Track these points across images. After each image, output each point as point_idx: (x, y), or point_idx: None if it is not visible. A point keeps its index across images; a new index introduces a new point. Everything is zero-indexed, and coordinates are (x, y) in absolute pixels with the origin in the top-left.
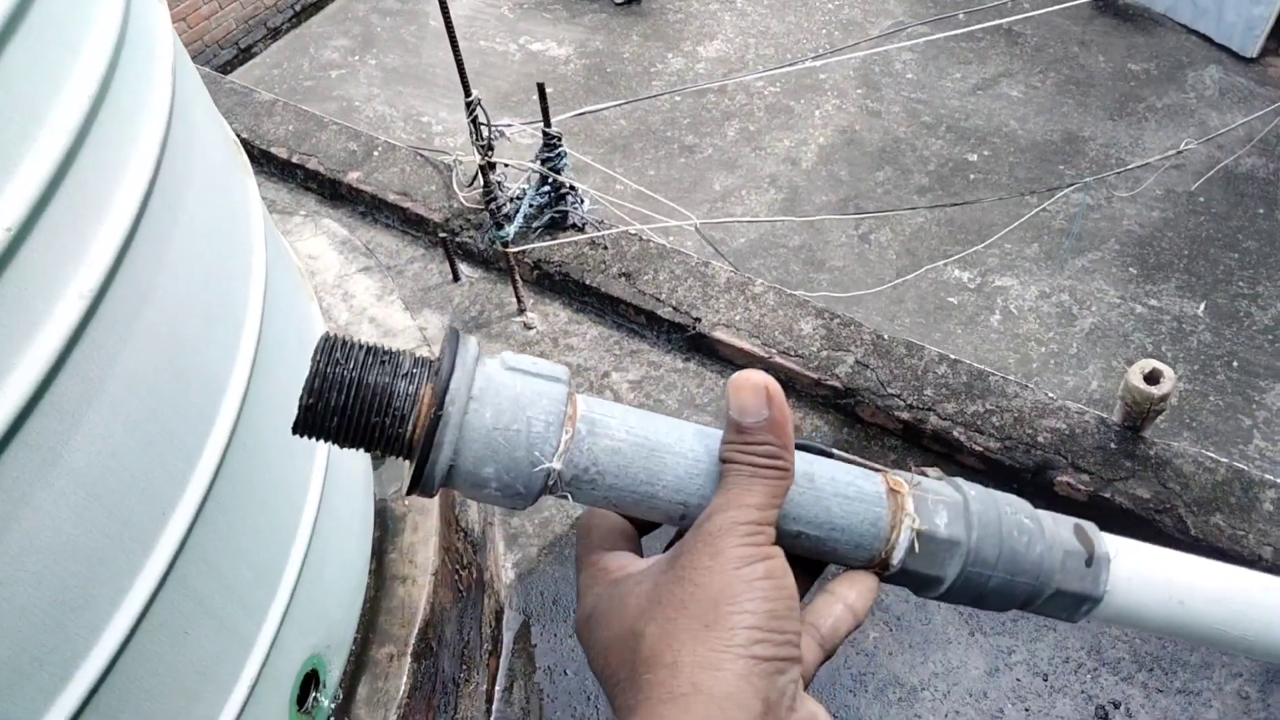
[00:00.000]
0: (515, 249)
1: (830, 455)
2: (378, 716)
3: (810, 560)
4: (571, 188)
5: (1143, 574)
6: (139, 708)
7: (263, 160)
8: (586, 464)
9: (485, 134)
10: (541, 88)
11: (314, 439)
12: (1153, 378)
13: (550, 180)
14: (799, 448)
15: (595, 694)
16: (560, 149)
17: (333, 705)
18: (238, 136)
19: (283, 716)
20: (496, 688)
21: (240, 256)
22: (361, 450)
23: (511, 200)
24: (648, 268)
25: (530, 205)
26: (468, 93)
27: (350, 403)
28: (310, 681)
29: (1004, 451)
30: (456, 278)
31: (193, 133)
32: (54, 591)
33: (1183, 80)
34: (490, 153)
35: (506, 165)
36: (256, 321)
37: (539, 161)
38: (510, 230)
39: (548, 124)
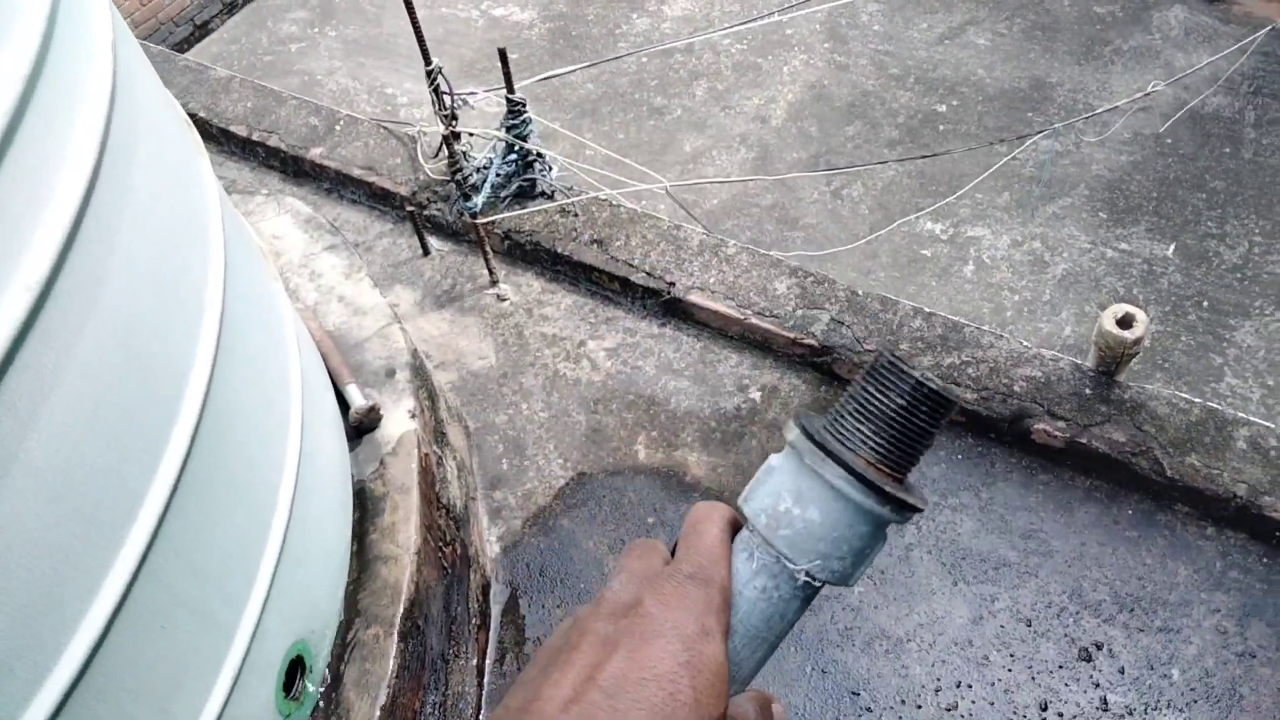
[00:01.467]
0: (484, 220)
1: None
2: (367, 698)
3: None
4: (539, 155)
5: None
6: (119, 705)
7: (221, 139)
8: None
9: (448, 103)
10: (503, 53)
11: (914, 409)
12: (1125, 322)
13: (516, 148)
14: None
15: None
16: (525, 115)
17: (320, 690)
18: (194, 115)
19: (270, 704)
20: (487, 660)
21: (197, 238)
22: (889, 430)
23: (478, 170)
24: (619, 233)
25: (497, 174)
26: (428, 61)
27: (927, 422)
28: (296, 668)
29: (981, 402)
30: (426, 251)
31: (138, 112)
32: (20, 592)
33: (1148, 21)
34: (454, 122)
35: (471, 134)
36: (218, 304)
37: (504, 129)
38: (478, 201)
39: (511, 90)
